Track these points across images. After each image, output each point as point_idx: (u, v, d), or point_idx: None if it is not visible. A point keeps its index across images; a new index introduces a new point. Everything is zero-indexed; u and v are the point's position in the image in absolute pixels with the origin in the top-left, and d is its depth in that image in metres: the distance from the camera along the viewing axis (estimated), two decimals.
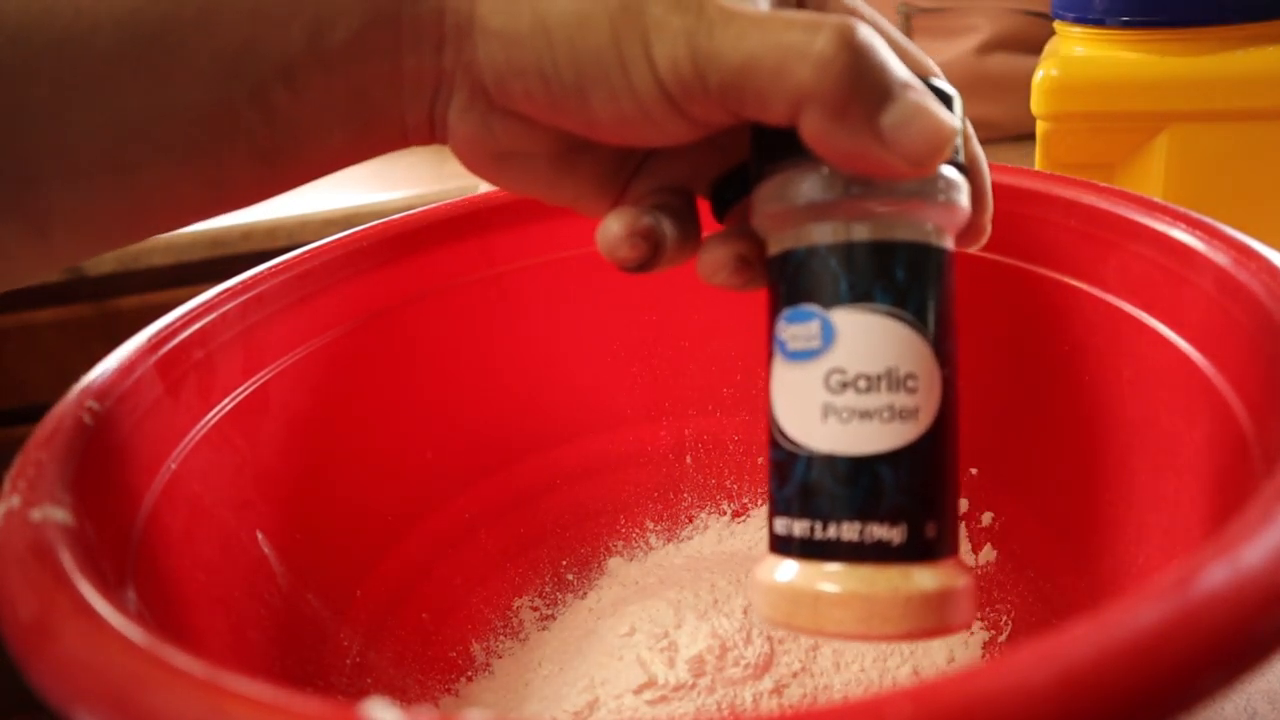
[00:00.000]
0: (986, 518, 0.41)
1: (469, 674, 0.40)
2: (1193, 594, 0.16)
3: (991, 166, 0.38)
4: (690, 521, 0.47)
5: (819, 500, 0.24)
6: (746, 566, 0.43)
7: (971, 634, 0.39)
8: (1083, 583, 0.35)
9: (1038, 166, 0.56)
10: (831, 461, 0.23)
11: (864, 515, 0.23)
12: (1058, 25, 0.58)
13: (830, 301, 0.24)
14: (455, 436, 0.43)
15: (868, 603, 0.23)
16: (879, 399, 0.23)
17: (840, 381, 0.23)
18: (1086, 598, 0.35)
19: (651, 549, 0.46)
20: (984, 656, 0.38)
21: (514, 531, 0.44)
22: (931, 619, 0.23)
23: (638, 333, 0.46)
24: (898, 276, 0.24)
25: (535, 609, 0.44)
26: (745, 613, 0.39)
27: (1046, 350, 0.37)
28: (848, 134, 0.22)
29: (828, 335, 0.24)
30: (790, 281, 0.25)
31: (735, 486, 0.48)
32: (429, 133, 0.26)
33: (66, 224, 0.25)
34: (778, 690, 0.36)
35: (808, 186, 0.24)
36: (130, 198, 0.25)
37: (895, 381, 0.23)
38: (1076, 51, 0.55)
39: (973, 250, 0.28)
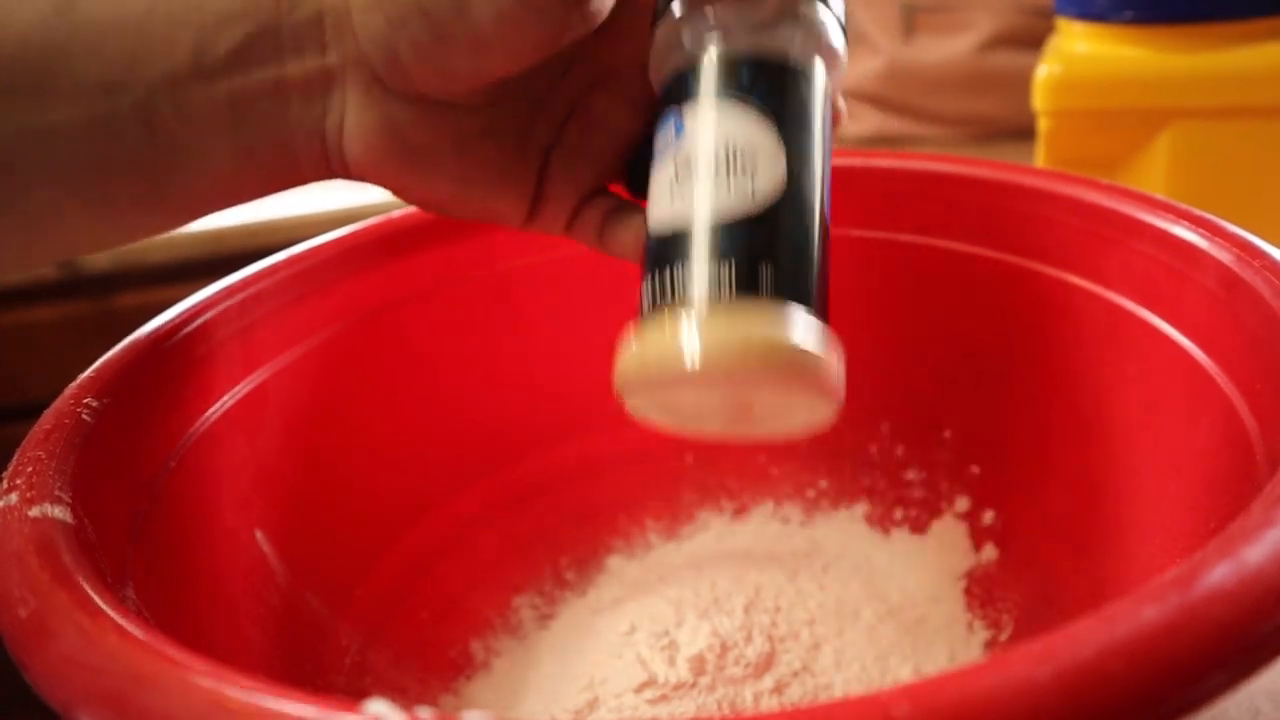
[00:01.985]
0: (988, 516, 0.41)
1: (468, 673, 0.40)
2: (1195, 592, 0.16)
3: (993, 164, 0.38)
4: (691, 520, 0.47)
5: (674, 267, 0.25)
6: (748, 565, 0.43)
7: (973, 633, 0.39)
8: (1085, 581, 0.35)
9: (1039, 163, 0.56)
10: (684, 233, 0.25)
11: (719, 281, 0.25)
12: (1060, 22, 0.58)
13: (684, 100, 0.26)
14: (455, 434, 0.43)
15: (723, 348, 0.24)
16: (722, 171, 0.25)
17: (687, 158, 0.26)
18: (1088, 597, 0.35)
19: (652, 547, 0.46)
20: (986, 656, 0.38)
21: (513, 530, 0.44)
22: (796, 366, 0.24)
23: None
24: (748, 78, 0.26)
25: (535, 607, 0.43)
26: (746, 611, 0.39)
27: (1048, 348, 0.37)
28: None
29: (679, 128, 0.26)
30: (661, 102, 0.27)
31: (736, 485, 0.47)
32: (323, 155, 0.27)
33: None
34: (778, 689, 0.36)
35: (675, 16, 0.27)
36: (20, 221, 0.25)
37: (736, 155, 0.25)
38: (1079, 48, 0.55)
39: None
